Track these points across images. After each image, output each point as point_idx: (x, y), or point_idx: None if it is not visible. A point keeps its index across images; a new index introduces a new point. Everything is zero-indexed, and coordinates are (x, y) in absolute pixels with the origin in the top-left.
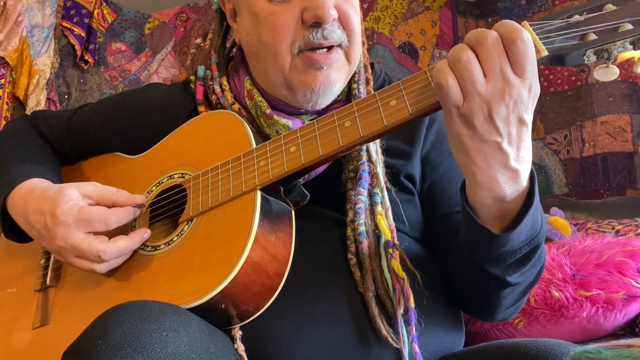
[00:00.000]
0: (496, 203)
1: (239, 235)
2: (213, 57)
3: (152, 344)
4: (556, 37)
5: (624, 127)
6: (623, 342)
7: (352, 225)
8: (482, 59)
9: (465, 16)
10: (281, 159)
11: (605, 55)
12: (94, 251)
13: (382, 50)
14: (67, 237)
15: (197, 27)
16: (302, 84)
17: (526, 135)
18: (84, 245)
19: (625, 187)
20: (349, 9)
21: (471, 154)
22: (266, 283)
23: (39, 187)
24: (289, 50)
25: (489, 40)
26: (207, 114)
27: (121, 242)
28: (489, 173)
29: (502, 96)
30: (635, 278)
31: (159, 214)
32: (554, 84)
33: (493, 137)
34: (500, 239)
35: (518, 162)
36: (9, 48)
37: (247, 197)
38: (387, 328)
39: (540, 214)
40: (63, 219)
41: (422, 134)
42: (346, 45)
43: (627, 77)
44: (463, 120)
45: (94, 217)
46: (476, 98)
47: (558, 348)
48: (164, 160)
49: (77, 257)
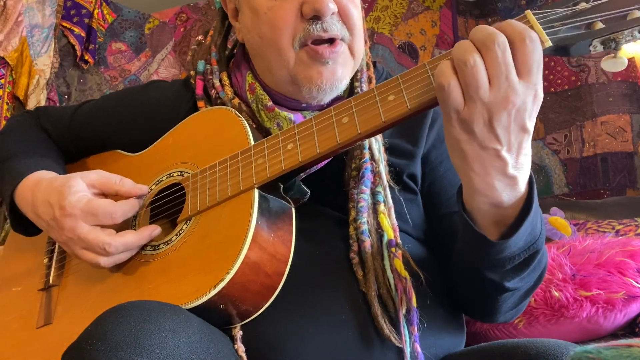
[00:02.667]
0: (493, 209)
1: (236, 235)
2: (213, 51)
3: (152, 344)
4: (560, 26)
5: (624, 127)
6: (623, 342)
7: (354, 224)
8: (489, 64)
9: (465, 16)
10: (279, 157)
11: (612, 45)
12: (100, 243)
13: (382, 50)
14: (74, 229)
15: (197, 27)
16: (307, 80)
17: (526, 143)
18: (91, 237)
19: (625, 187)
20: (348, 3)
21: (468, 160)
22: (265, 283)
23: (46, 179)
24: (291, 45)
25: (496, 45)
26: (205, 110)
27: (128, 236)
28: (486, 179)
29: (505, 104)
30: (635, 278)
31: (159, 212)
32: (554, 84)
33: (492, 144)
34: (498, 246)
35: (516, 169)
36: (9, 48)
37: (245, 195)
38: (389, 328)
39: (540, 219)
40: (70, 211)
41: (424, 133)
42: (348, 39)
43: (627, 77)
44: (462, 125)
45: (99, 211)
46: (478, 104)
47: (558, 348)
48: (163, 158)
49: (83, 249)
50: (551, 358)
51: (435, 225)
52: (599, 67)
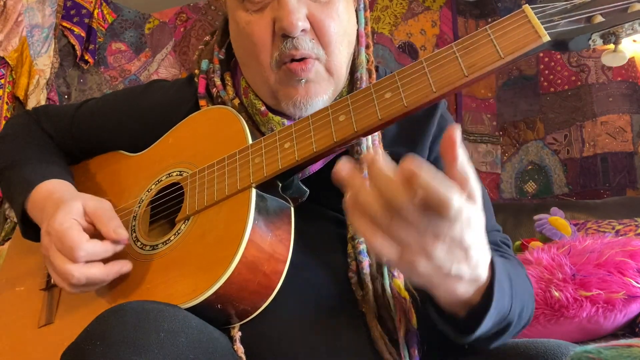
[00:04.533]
0: (458, 299)
1: (233, 234)
2: (216, 50)
3: (151, 344)
4: (559, 20)
5: (624, 127)
6: (623, 342)
7: (352, 243)
8: (406, 224)
9: (465, 16)
10: (276, 156)
11: (612, 39)
12: (63, 271)
13: (382, 50)
14: (47, 248)
15: (197, 27)
16: (285, 96)
17: (474, 248)
18: (56, 262)
19: (625, 187)
20: (326, 19)
21: (424, 282)
22: (263, 282)
23: (57, 190)
24: (269, 64)
25: (410, 211)
26: (205, 109)
27: (94, 270)
28: (446, 289)
29: (435, 241)
30: (635, 278)
31: (159, 212)
32: (554, 84)
33: (439, 272)
34: (465, 337)
35: (473, 270)
36: (9, 48)
37: (242, 195)
38: (390, 349)
39: (510, 290)
40: (49, 229)
41: (427, 142)
42: (324, 58)
43: (627, 77)
44: (405, 267)
45: (66, 240)
46: (411, 250)
47: (558, 348)
48: (163, 157)
49: (52, 270)
50: (551, 358)
51: None
52: (599, 67)
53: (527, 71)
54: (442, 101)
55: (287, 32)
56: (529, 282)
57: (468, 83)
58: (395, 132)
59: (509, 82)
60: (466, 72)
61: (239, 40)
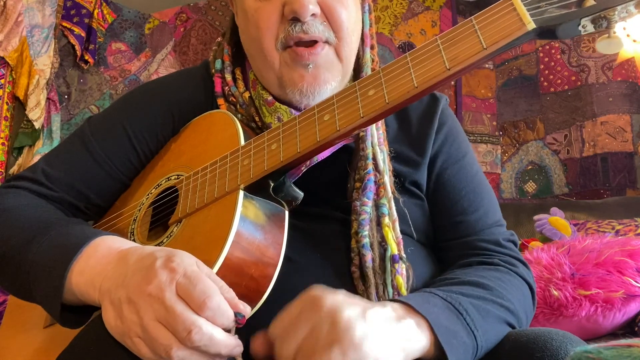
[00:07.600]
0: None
1: (218, 236)
2: (226, 48)
3: None
4: (547, 6)
5: (624, 127)
6: (623, 342)
7: (355, 237)
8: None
9: (465, 16)
10: (263, 157)
11: (604, 24)
12: (187, 322)
13: (382, 50)
14: (163, 289)
15: (197, 27)
16: (291, 82)
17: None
18: (178, 309)
19: (625, 187)
20: (336, 4)
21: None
22: (251, 286)
23: (126, 242)
24: (274, 46)
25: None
26: (204, 114)
27: (218, 331)
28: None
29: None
30: (635, 277)
31: (159, 215)
32: (554, 84)
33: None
34: None
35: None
36: (9, 48)
37: (230, 197)
38: None
39: (467, 328)
40: (174, 266)
41: (430, 141)
42: (334, 42)
43: (627, 77)
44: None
45: (199, 284)
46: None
47: (549, 335)
48: (165, 162)
49: (155, 319)
50: (541, 344)
51: (437, 233)
52: (600, 67)
53: (527, 71)
54: (443, 97)
55: (298, 14)
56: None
57: (452, 77)
58: (397, 129)
59: (509, 82)
60: (448, 65)
61: (246, 29)
